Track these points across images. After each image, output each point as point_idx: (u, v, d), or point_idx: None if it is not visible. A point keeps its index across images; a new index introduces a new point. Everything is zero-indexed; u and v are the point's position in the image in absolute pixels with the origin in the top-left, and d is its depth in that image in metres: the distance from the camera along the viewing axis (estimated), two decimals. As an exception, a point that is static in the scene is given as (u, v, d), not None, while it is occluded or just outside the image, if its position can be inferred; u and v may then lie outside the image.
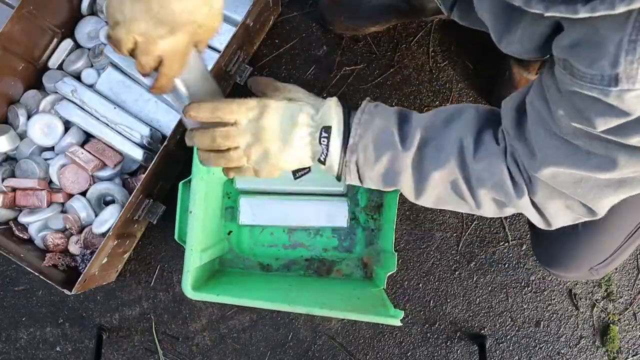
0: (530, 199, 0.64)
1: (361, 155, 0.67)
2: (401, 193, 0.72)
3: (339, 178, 0.71)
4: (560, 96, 0.52)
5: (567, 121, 0.52)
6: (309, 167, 0.73)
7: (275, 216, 1.12)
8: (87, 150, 1.09)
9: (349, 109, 0.71)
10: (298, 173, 0.73)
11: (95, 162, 1.08)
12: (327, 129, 0.67)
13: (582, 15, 0.40)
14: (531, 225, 0.94)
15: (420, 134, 0.66)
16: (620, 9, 0.38)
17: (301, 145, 0.68)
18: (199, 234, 0.96)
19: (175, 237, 1.01)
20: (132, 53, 0.62)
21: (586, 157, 0.54)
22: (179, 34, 0.61)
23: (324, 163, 0.69)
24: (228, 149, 0.68)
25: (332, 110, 0.68)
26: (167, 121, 1.13)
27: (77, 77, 1.15)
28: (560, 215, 0.64)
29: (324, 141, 0.67)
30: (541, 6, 0.42)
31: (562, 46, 0.48)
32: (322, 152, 0.68)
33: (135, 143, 1.10)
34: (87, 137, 1.14)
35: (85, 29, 1.16)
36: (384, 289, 1.03)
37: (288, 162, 0.70)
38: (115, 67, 1.14)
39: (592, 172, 0.55)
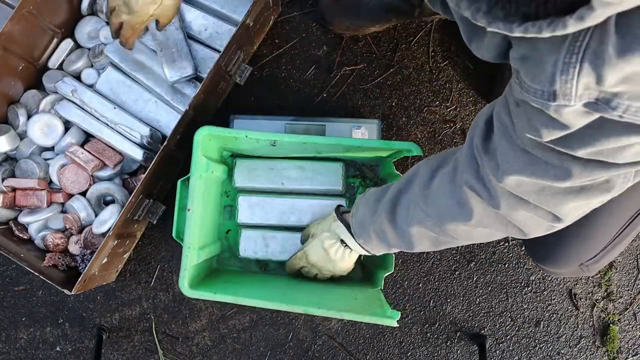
0: (495, 214, 0.67)
1: (360, 238, 0.91)
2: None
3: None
4: (516, 106, 0.55)
5: (523, 132, 0.55)
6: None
7: (274, 215, 1.11)
8: (87, 150, 1.09)
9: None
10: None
11: (95, 162, 1.08)
12: (343, 242, 0.96)
13: (517, 34, 0.42)
14: None
15: (388, 201, 0.82)
16: (546, 35, 0.40)
17: (339, 257, 0.99)
18: (196, 232, 0.96)
19: (173, 234, 1.01)
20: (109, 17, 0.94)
21: (544, 167, 0.57)
22: (133, 15, 0.92)
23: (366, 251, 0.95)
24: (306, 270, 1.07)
25: (338, 228, 0.96)
26: (167, 121, 1.13)
27: (77, 77, 1.16)
28: (530, 224, 0.67)
29: (344, 244, 0.96)
30: (484, 21, 0.44)
31: (513, 58, 0.51)
32: (347, 251, 0.98)
33: (135, 143, 1.10)
34: (87, 137, 1.14)
35: (85, 29, 1.16)
36: (381, 289, 1.03)
37: (340, 264, 1.01)
38: (115, 67, 1.14)
39: (551, 182, 0.57)
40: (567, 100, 0.45)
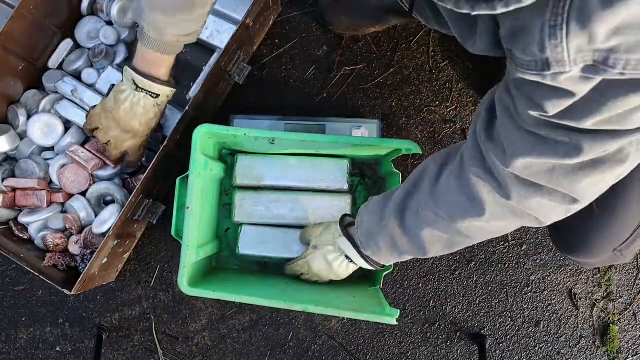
0: (507, 205, 0.65)
1: (368, 249, 0.88)
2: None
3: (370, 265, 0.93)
4: (515, 87, 0.54)
5: (526, 111, 0.54)
6: None
7: (273, 215, 1.10)
8: (87, 149, 1.09)
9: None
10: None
11: (95, 160, 1.08)
12: (348, 257, 0.93)
13: (500, 10, 0.42)
14: None
15: (396, 208, 0.79)
16: (528, 2, 0.40)
17: (343, 268, 0.97)
18: (195, 230, 0.96)
19: (172, 232, 1.01)
20: (105, 145, 1.02)
21: (553, 145, 0.55)
22: (138, 137, 1.00)
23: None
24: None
25: (343, 243, 0.92)
26: (168, 120, 1.13)
27: (78, 76, 1.16)
28: (546, 211, 0.64)
29: (350, 259, 0.93)
30: (467, 6, 0.45)
31: (503, 37, 0.50)
32: (351, 265, 0.95)
33: None
34: (87, 137, 1.14)
35: (85, 28, 1.16)
36: (380, 288, 1.03)
37: (343, 274, 0.99)
38: (116, 67, 1.14)
39: (562, 160, 0.55)
40: (561, 66, 0.44)
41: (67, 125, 1.13)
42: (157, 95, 0.94)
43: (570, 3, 0.40)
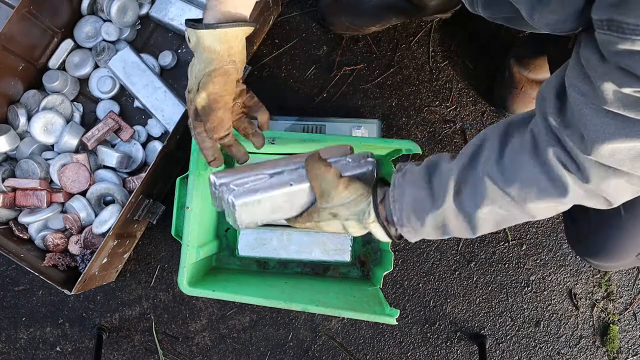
0: (584, 188, 0.62)
1: (408, 227, 0.75)
2: None
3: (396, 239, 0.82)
4: (604, 64, 0.51)
5: (615, 89, 0.51)
6: None
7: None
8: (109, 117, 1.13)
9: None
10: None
11: (113, 125, 1.12)
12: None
13: None
14: (565, 215, 0.91)
15: (452, 183, 0.70)
16: None
17: (358, 233, 0.81)
18: (195, 229, 0.96)
19: (172, 232, 1.01)
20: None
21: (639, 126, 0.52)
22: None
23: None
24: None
25: (375, 228, 0.78)
26: (171, 113, 1.13)
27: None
28: (620, 192, 0.62)
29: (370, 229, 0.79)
30: None
31: (607, 4, 0.46)
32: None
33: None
34: (85, 132, 1.13)
35: (85, 28, 1.16)
36: (380, 288, 1.03)
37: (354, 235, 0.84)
38: (134, 49, 1.15)
39: None
40: None
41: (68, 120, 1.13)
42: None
43: None
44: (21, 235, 1.11)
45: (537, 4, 0.55)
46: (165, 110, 1.13)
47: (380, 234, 0.78)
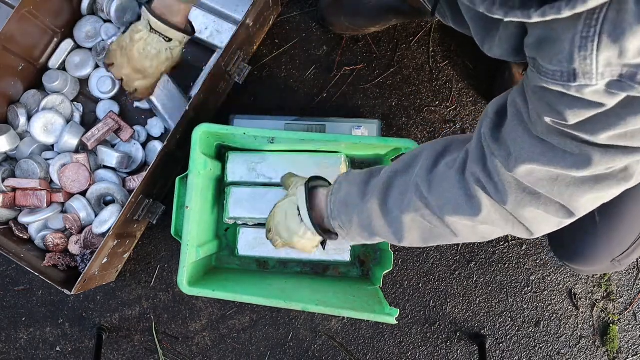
0: (500, 211, 0.64)
1: (338, 220, 0.81)
2: None
3: (324, 243, 0.91)
4: (534, 93, 0.54)
5: (541, 118, 0.54)
6: (325, 242, 0.91)
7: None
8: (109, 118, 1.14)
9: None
10: (323, 244, 0.93)
11: (113, 125, 1.12)
12: (299, 210, 0.87)
13: (535, 20, 0.42)
14: None
15: (382, 184, 0.75)
16: (566, 14, 0.40)
17: (295, 226, 0.88)
18: (195, 229, 0.96)
19: (172, 232, 1.01)
20: (122, 82, 1.06)
21: (562, 154, 0.55)
22: (148, 79, 1.04)
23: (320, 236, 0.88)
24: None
25: (300, 192, 0.86)
26: (168, 121, 1.13)
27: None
28: (539, 222, 0.64)
29: (300, 218, 0.87)
30: (501, 12, 0.45)
31: (528, 45, 0.50)
32: (304, 222, 0.87)
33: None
34: (85, 132, 1.13)
35: (84, 28, 1.16)
36: (380, 287, 1.03)
37: (299, 244, 0.92)
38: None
39: (568, 170, 0.55)
40: (588, 79, 0.44)
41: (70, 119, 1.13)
42: (170, 40, 0.97)
43: (604, 15, 0.40)
44: (21, 235, 1.11)
45: (485, 37, 0.61)
46: (167, 105, 1.14)
47: (304, 213, 0.85)
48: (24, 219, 1.10)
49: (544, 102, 0.52)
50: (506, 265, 1.23)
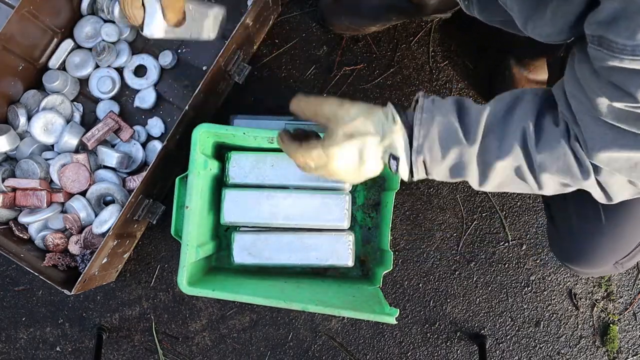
0: (595, 178, 0.62)
1: (427, 156, 0.68)
2: (397, 192, 0.73)
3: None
4: (597, 78, 0.51)
5: (609, 103, 0.51)
6: None
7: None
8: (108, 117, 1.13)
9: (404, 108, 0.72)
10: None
11: (113, 125, 1.12)
12: (395, 157, 0.69)
13: None
14: (549, 222, 0.91)
15: (483, 125, 0.66)
16: None
17: (372, 170, 0.73)
18: (195, 229, 0.96)
19: (172, 232, 1.01)
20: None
21: (634, 139, 0.53)
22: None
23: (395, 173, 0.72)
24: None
25: (398, 137, 0.68)
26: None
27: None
28: (622, 191, 0.63)
29: (393, 164, 0.70)
30: None
31: (597, 22, 0.47)
32: (392, 168, 0.70)
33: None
34: (85, 132, 1.13)
35: (84, 28, 1.16)
36: (379, 287, 1.03)
37: (361, 180, 0.75)
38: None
39: None
40: None
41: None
42: None
43: None
44: (21, 235, 1.11)
45: (532, 15, 0.56)
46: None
47: (403, 164, 0.69)
48: (24, 219, 1.10)
49: (612, 87, 0.50)
50: (506, 265, 1.23)
